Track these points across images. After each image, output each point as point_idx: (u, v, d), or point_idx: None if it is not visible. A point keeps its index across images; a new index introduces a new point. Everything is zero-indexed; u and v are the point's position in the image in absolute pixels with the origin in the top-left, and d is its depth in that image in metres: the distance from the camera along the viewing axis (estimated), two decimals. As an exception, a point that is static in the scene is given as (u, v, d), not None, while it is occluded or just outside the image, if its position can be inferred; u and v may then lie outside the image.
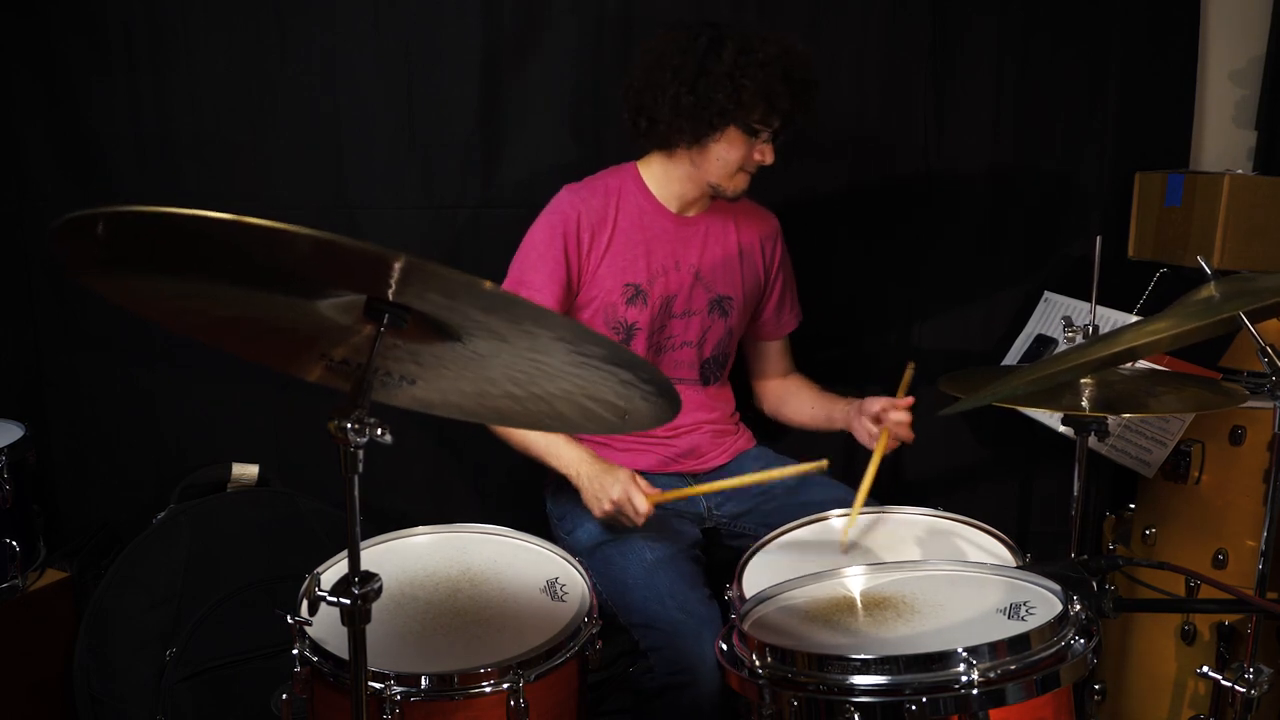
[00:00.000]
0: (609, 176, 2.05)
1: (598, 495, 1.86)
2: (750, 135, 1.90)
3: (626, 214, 2.01)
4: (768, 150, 1.93)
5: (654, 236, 2.01)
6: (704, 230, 2.05)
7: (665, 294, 2.02)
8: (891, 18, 2.36)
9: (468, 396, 1.31)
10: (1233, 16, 2.50)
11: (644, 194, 2.02)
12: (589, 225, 1.97)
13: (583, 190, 2.01)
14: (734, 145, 1.91)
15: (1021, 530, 2.58)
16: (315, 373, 1.27)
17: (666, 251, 2.02)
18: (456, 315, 1.09)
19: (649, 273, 2.00)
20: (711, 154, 1.92)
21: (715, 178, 1.95)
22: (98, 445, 2.38)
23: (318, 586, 1.18)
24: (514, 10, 2.27)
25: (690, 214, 2.05)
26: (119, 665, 2.01)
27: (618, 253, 1.99)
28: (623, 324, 2.00)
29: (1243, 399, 1.65)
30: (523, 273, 1.98)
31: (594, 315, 2.00)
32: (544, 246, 1.97)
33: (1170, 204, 2.31)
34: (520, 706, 1.37)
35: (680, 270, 2.03)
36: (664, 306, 2.03)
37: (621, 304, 2.00)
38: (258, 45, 2.24)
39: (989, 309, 2.50)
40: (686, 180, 2.00)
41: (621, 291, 1.99)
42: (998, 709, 1.21)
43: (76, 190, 2.26)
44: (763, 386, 2.27)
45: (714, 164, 1.93)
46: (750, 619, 1.42)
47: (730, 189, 1.96)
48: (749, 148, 1.91)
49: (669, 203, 2.03)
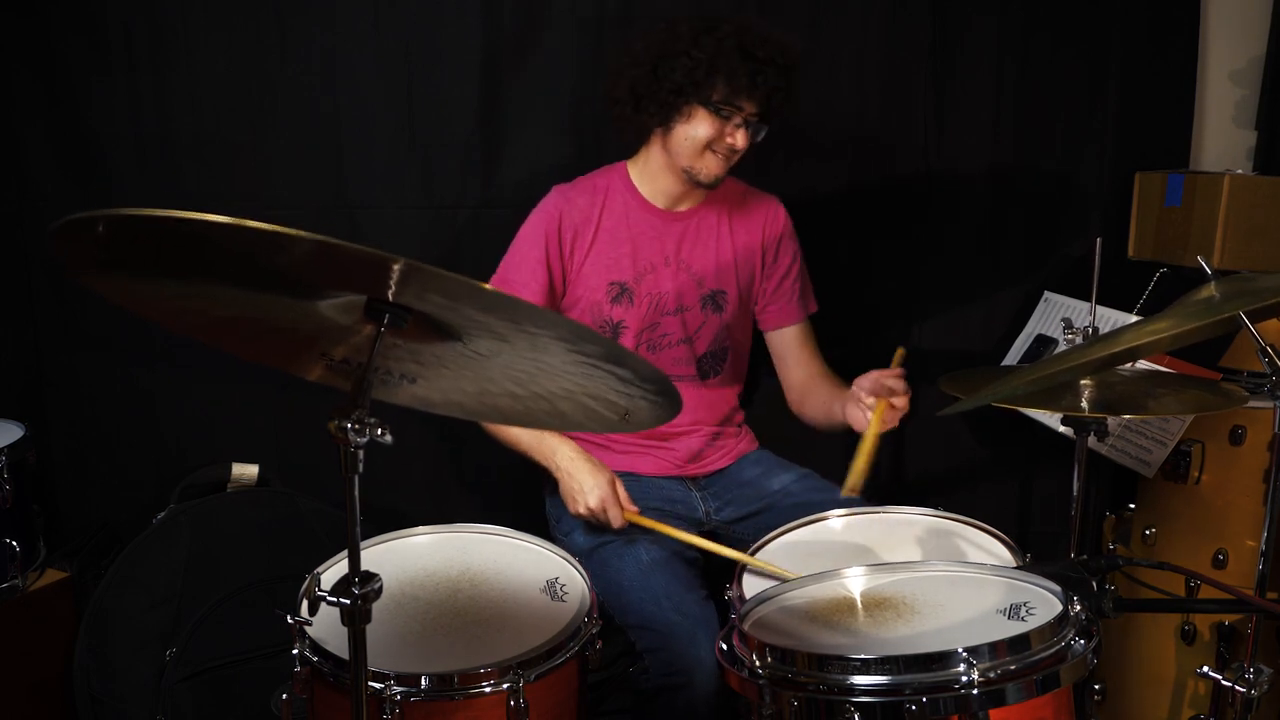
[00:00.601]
0: (598, 176, 2.05)
1: (575, 494, 1.86)
2: (718, 116, 1.87)
3: (611, 212, 2.01)
4: (739, 134, 1.89)
5: (640, 234, 2.01)
6: (694, 225, 2.04)
7: (654, 291, 2.01)
8: (891, 18, 2.36)
9: (469, 395, 1.31)
10: (1233, 16, 2.50)
11: (630, 191, 2.02)
12: (571, 225, 1.98)
13: (570, 190, 2.02)
14: (699, 125, 1.88)
15: (1021, 530, 2.58)
16: (315, 372, 1.27)
17: (654, 248, 2.02)
18: (456, 316, 1.10)
19: (635, 270, 2.00)
20: (678, 134, 1.91)
21: (684, 160, 1.92)
22: (98, 445, 2.38)
23: (318, 586, 1.18)
24: (514, 10, 2.27)
25: (681, 209, 2.04)
26: (119, 665, 2.01)
27: (602, 251, 1.99)
28: (609, 322, 2.00)
29: (1243, 400, 1.66)
30: (507, 271, 2.01)
31: (581, 315, 2.00)
32: (527, 246, 1.99)
33: (1170, 204, 2.31)
34: (520, 706, 1.37)
35: (669, 266, 2.02)
36: (654, 304, 2.02)
37: (606, 302, 2.00)
38: (258, 45, 2.24)
39: (989, 309, 2.50)
40: (666, 170, 1.99)
41: (606, 290, 1.99)
42: (998, 709, 1.21)
43: (76, 190, 2.26)
44: (787, 381, 2.20)
45: (681, 144, 1.91)
46: (750, 619, 1.42)
47: (702, 173, 1.93)
48: (717, 128, 1.88)
49: (655, 199, 2.03)
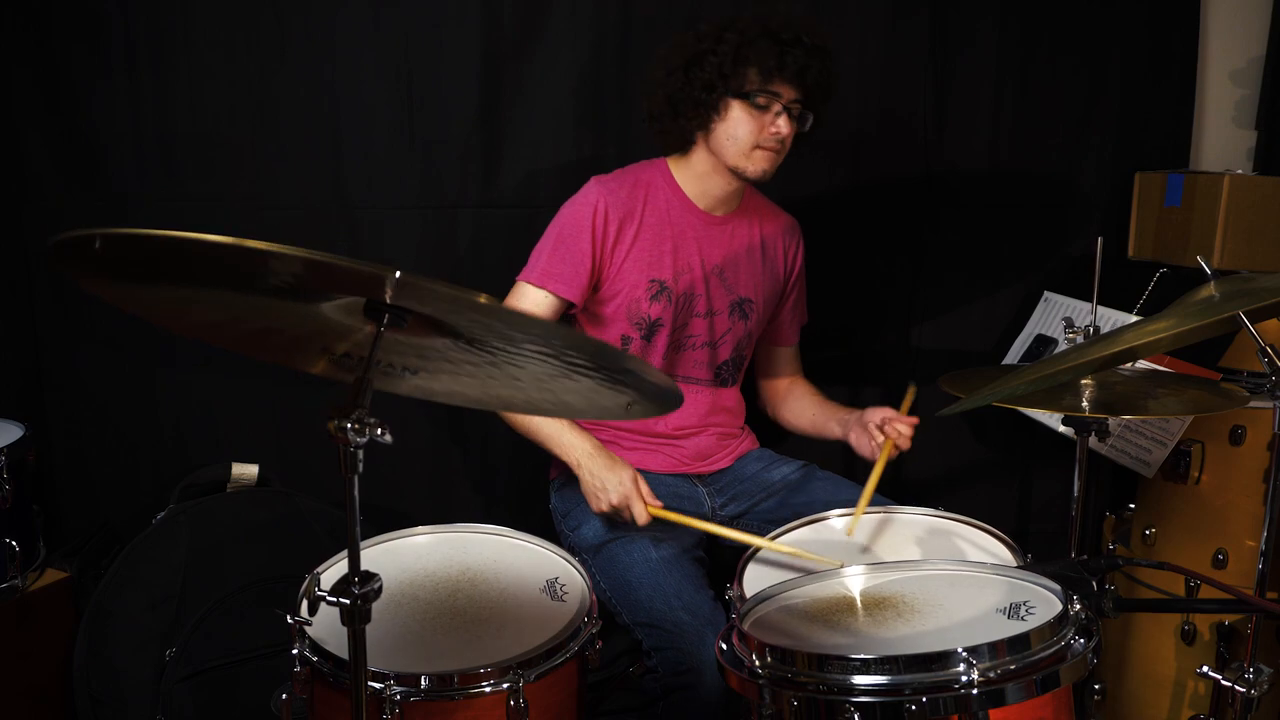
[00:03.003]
0: (639, 170, 2.03)
1: (597, 492, 1.85)
2: (756, 108, 1.87)
3: (654, 208, 1.98)
4: (782, 121, 1.87)
5: (681, 233, 1.99)
6: (730, 231, 2.04)
7: (688, 292, 2.01)
8: (891, 18, 2.37)
9: (471, 385, 1.31)
10: (1233, 16, 2.50)
11: (673, 189, 2.00)
12: (616, 217, 1.94)
13: (611, 182, 1.98)
14: (739, 121, 1.88)
15: (1021, 530, 2.58)
16: (318, 366, 1.27)
17: (692, 249, 2.00)
18: (456, 318, 1.10)
19: (674, 269, 1.98)
20: (721, 135, 1.90)
21: (732, 159, 1.91)
22: (98, 445, 2.38)
23: (318, 586, 1.18)
24: (514, 10, 2.27)
25: (719, 213, 2.03)
26: (119, 665, 2.01)
27: (644, 247, 1.97)
28: (646, 319, 1.98)
29: (1243, 400, 1.65)
30: (551, 264, 1.94)
31: (617, 310, 1.98)
32: (572, 238, 1.93)
33: (1170, 204, 2.32)
34: (520, 706, 1.37)
35: (705, 269, 2.01)
36: (686, 304, 2.01)
37: (645, 299, 1.97)
38: (258, 45, 2.24)
39: (989, 309, 2.50)
40: (711, 174, 1.97)
41: (646, 287, 1.97)
42: (998, 709, 1.20)
43: (77, 190, 2.26)
44: (767, 386, 2.27)
45: (726, 145, 1.90)
46: (750, 619, 1.42)
47: (751, 170, 1.91)
48: (758, 121, 1.87)
49: (698, 200, 2.01)
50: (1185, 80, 2.48)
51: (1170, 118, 2.49)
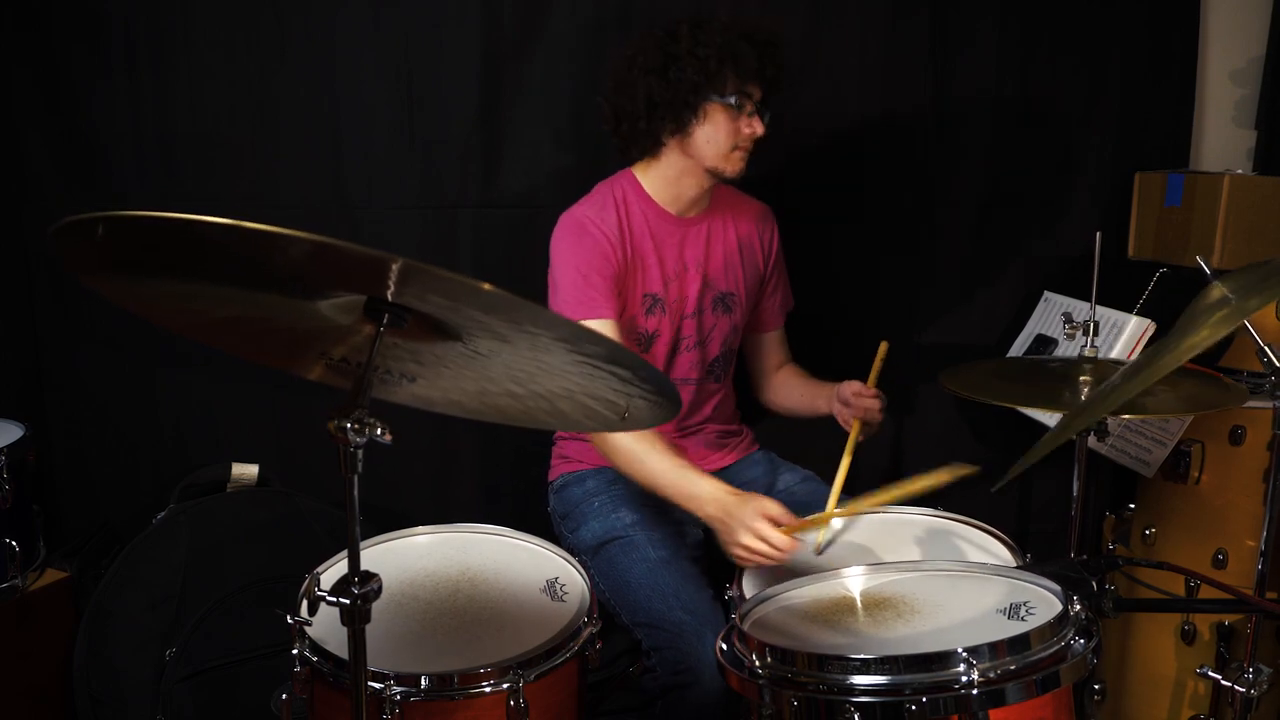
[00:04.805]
0: (608, 188, 1.99)
1: (729, 547, 1.71)
2: (732, 109, 1.87)
3: (635, 224, 1.97)
4: (755, 122, 1.89)
5: (663, 242, 1.99)
6: (706, 229, 2.04)
7: (678, 298, 2.00)
8: (891, 18, 2.36)
9: (468, 394, 1.31)
10: (1233, 16, 2.50)
11: (645, 200, 1.99)
12: (615, 243, 1.91)
13: (588, 208, 1.94)
14: (718, 123, 1.88)
15: (1021, 530, 2.58)
16: (315, 371, 1.27)
17: (674, 256, 2.00)
18: (456, 315, 1.09)
19: (663, 279, 1.98)
20: (698, 138, 1.89)
21: (711, 161, 1.91)
22: (98, 445, 2.38)
23: (318, 586, 1.18)
24: (514, 10, 2.27)
25: (691, 214, 2.03)
26: (119, 665, 2.01)
27: (636, 264, 1.96)
28: (645, 335, 1.98)
29: (1243, 400, 1.65)
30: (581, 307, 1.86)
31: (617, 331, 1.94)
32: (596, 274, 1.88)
33: (1170, 204, 2.32)
34: (520, 706, 1.37)
35: (689, 272, 2.01)
36: (679, 310, 2.01)
37: (641, 315, 1.97)
38: (258, 45, 2.24)
39: (989, 309, 2.50)
40: (683, 177, 1.96)
41: (641, 302, 1.97)
42: (998, 709, 1.21)
43: (77, 190, 2.26)
44: (758, 373, 2.25)
45: (704, 148, 1.90)
46: (750, 619, 1.42)
47: (730, 171, 1.92)
48: (734, 123, 1.88)
49: (670, 205, 2.00)
50: (1185, 80, 2.47)
51: (1170, 118, 2.49)
